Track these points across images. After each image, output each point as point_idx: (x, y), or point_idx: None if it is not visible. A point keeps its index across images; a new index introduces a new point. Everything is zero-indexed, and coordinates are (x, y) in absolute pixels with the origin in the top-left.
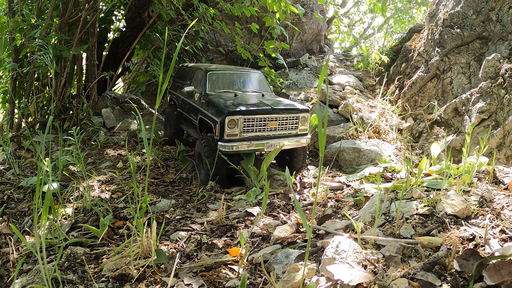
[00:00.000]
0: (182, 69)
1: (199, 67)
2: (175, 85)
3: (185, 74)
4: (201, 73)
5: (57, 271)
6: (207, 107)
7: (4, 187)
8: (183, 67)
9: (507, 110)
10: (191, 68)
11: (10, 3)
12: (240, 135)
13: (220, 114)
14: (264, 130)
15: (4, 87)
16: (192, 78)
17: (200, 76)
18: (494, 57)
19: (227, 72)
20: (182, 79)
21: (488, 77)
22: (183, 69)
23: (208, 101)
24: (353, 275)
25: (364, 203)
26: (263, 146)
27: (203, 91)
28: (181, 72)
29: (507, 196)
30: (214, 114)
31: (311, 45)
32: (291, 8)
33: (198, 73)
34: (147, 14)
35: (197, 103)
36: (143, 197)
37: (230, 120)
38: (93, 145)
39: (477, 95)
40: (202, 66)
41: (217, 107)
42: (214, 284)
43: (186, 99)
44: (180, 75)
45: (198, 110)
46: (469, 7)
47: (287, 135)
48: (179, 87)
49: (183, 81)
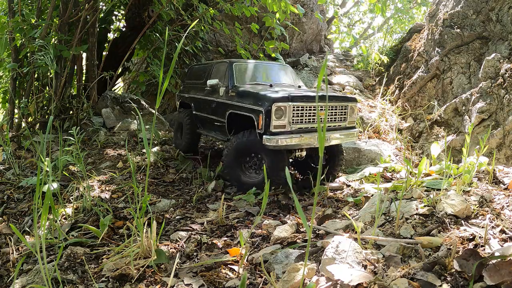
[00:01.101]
0: (196, 68)
1: (219, 61)
2: (187, 87)
3: (201, 72)
4: (224, 66)
5: (57, 271)
6: (240, 98)
7: (4, 187)
8: (196, 66)
9: (507, 110)
10: (208, 64)
11: (10, 3)
12: (288, 127)
13: (264, 102)
14: (313, 121)
15: (4, 87)
16: (211, 74)
17: (224, 69)
18: (494, 57)
19: (254, 63)
20: (196, 78)
21: (488, 77)
22: (197, 68)
23: (241, 92)
24: (353, 275)
25: (364, 203)
26: (314, 140)
27: (231, 83)
28: (194, 72)
29: (507, 196)
30: (255, 104)
31: (311, 45)
32: (291, 8)
33: (220, 67)
34: (147, 14)
35: (224, 98)
36: (143, 197)
37: (277, 108)
38: (93, 145)
39: (477, 95)
40: (222, 59)
41: (257, 96)
42: (214, 284)
43: (206, 97)
44: (193, 75)
45: (227, 105)
46: (469, 7)
47: (336, 127)
48: (193, 88)
49: (198, 80)
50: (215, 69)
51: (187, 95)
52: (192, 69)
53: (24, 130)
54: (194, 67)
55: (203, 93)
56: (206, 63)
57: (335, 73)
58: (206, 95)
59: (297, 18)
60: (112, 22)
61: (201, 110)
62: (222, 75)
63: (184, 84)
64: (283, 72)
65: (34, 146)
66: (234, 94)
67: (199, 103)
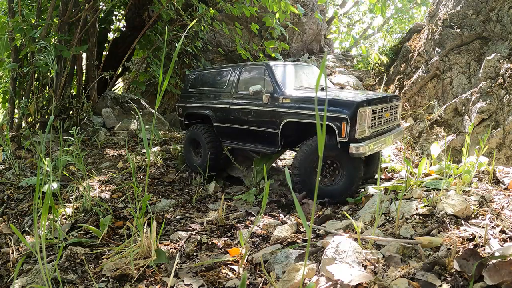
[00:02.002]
0: (208, 73)
1: (248, 64)
2: (196, 96)
3: (217, 77)
4: (260, 70)
5: (57, 271)
6: (302, 105)
7: (4, 187)
8: (206, 71)
9: (507, 110)
10: (225, 69)
11: (10, 3)
12: (368, 132)
13: (346, 107)
14: (381, 123)
15: (4, 87)
16: (238, 79)
17: (260, 73)
18: (494, 57)
19: (290, 65)
20: (212, 85)
21: (488, 77)
22: (210, 73)
23: (302, 99)
24: (353, 275)
25: (364, 203)
26: (384, 143)
27: (278, 89)
28: (206, 77)
29: (507, 196)
30: (333, 110)
31: (311, 45)
32: (291, 8)
33: (252, 70)
34: (147, 14)
35: (272, 106)
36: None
37: (361, 113)
38: (93, 145)
39: (477, 95)
40: (253, 62)
41: (335, 101)
42: (214, 284)
43: (241, 106)
44: (205, 82)
45: (282, 113)
46: (469, 7)
47: (391, 127)
48: (207, 97)
49: (215, 87)
50: (243, 74)
51: (200, 105)
52: (200, 75)
53: (24, 130)
54: (203, 73)
55: (231, 102)
56: (221, 67)
57: (335, 73)
58: (241, 104)
59: (297, 18)
60: (112, 22)
61: (229, 121)
62: (258, 80)
63: (189, 92)
64: (313, 74)
65: (34, 146)
66: (290, 101)
67: (225, 113)
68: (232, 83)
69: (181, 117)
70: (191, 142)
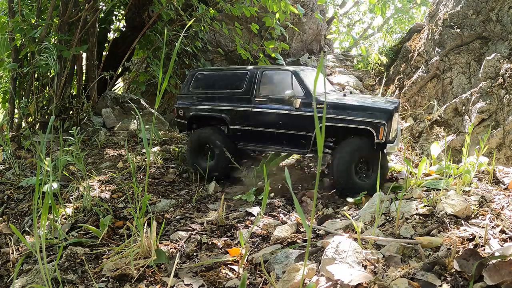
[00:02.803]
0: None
1: (271, 68)
2: (208, 97)
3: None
4: (286, 75)
5: (57, 271)
6: (340, 111)
7: (4, 187)
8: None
9: (507, 110)
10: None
11: (10, 3)
12: (394, 133)
13: (383, 114)
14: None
15: (4, 87)
16: (256, 83)
17: (286, 78)
18: (494, 57)
19: (311, 71)
20: (225, 87)
21: (488, 77)
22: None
23: (339, 105)
24: (353, 275)
25: (364, 203)
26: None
27: (309, 95)
28: (218, 79)
29: (507, 196)
30: (371, 116)
31: (311, 45)
32: (291, 8)
33: (275, 76)
34: (147, 14)
35: (306, 111)
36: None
37: (393, 119)
38: (93, 145)
39: (477, 95)
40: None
41: (372, 108)
42: (214, 284)
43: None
44: (216, 83)
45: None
46: (469, 7)
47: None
48: (221, 99)
49: (228, 89)
50: (264, 77)
51: (210, 107)
52: (206, 75)
53: (24, 130)
54: (210, 73)
55: (253, 105)
56: (233, 69)
57: (335, 73)
58: (266, 108)
59: (297, 18)
60: (112, 22)
61: (251, 125)
62: (282, 84)
63: (192, 93)
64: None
65: (34, 146)
66: (327, 106)
67: (245, 116)
68: (251, 86)
69: (181, 119)
70: (199, 145)
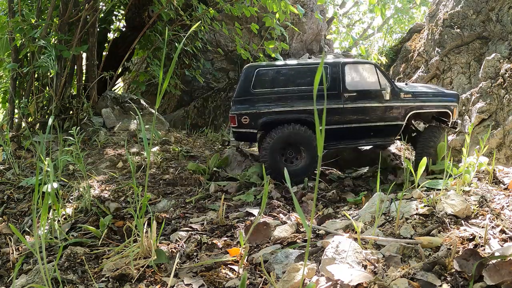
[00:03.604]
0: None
1: (350, 62)
2: (281, 97)
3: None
4: (369, 68)
5: (57, 271)
6: (422, 99)
7: (4, 187)
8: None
9: (507, 110)
10: (325, 65)
11: (10, 3)
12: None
13: (455, 97)
14: None
15: (4, 87)
16: (341, 78)
17: (372, 71)
18: (494, 57)
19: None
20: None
21: (488, 77)
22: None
23: (419, 93)
24: (353, 275)
25: (364, 203)
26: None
27: (395, 86)
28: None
29: (507, 196)
30: (447, 101)
31: (311, 45)
32: (291, 8)
33: (358, 69)
34: (147, 14)
35: (396, 102)
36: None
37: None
38: (93, 145)
39: (477, 95)
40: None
41: (446, 94)
42: (214, 284)
43: (361, 105)
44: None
45: (407, 107)
46: (469, 7)
47: None
48: (305, 97)
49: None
50: (348, 72)
51: (289, 108)
52: (270, 72)
53: (24, 130)
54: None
55: (343, 101)
56: (306, 64)
57: None
58: (359, 103)
59: (297, 18)
60: (112, 22)
61: (341, 122)
62: (367, 78)
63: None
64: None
65: (34, 146)
66: (411, 96)
67: (335, 114)
68: (335, 81)
69: (247, 128)
70: (282, 147)
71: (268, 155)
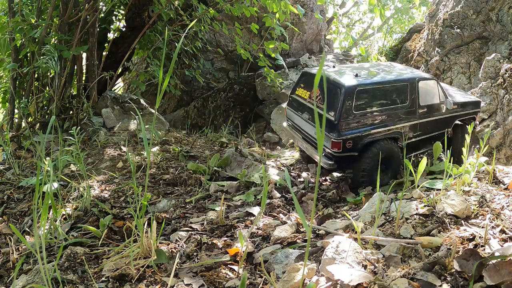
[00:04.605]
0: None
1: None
2: (376, 117)
3: (392, 93)
4: (433, 83)
5: (57, 271)
6: (463, 108)
7: (4, 187)
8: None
9: (507, 110)
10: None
11: (10, 3)
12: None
13: (477, 102)
14: None
15: (4, 87)
16: (418, 94)
17: (434, 86)
18: (494, 57)
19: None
20: (391, 103)
21: (488, 77)
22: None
23: (461, 103)
24: (353, 275)
25: (364, 203)
26: None
27: (450, 99)
28: (377, 94)
29: (507, 196)
30: (474, 107)
31: (311, 45)
32: (290, 9)
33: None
34: (147, 14)
35: (448, 113)
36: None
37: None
38: (93, 145)
39: (477, 95)
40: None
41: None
42: (214, 284)
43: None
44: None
45: (454, 117)
46: (469, 7)
47: None
48: (399, 115)
49: (393, 105)
50: (421, 88)
51: (388, 128)
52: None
53: (24, 130)
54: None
55: (419, 117)
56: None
57: None
58: (428, 117)
59: (297, 18)
60: (112, 22)
61: (416, 136)
62: (432, 93)
63: (360, 116)
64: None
65: (34, 146)
66: (457, 106)
67: (413, 129)
68: (414, 98)
69: (350, 151)
70: (380, 160)
71: (370, 169)
